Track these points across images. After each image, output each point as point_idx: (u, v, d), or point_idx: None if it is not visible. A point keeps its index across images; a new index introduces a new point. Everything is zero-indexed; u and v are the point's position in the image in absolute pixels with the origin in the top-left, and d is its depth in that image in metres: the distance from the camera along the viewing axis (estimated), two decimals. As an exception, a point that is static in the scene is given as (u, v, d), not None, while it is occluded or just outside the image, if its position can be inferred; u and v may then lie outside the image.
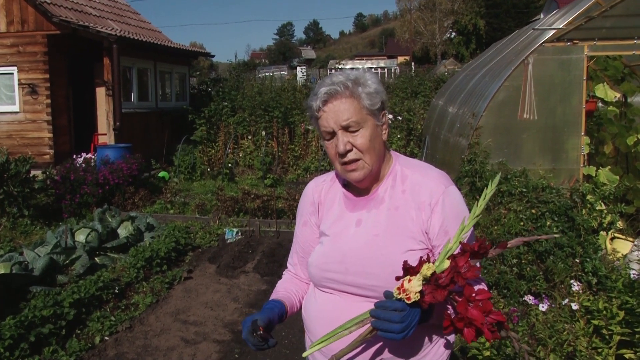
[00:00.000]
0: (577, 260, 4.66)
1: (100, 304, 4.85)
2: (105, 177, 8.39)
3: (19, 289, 4.95)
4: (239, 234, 7.04)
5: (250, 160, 12.00)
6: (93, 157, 10.15)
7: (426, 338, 1.59)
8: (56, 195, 8.14)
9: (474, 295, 1.33)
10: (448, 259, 1.38)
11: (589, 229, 5.25)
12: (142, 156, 9.59)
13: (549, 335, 3.28)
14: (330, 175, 1.80)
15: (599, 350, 3.23)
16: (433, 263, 1.38)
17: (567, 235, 4.98)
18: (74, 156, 10.44)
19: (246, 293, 5.29)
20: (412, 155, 11.17)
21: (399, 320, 1.34)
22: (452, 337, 1.67)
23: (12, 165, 7.48)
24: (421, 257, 1.40)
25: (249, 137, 12.60)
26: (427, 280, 1.34)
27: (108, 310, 4.78)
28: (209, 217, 7.91)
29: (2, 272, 5.09)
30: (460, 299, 1.34)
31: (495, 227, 5.11)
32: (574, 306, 3.60)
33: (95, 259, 5.99)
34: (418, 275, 1.34)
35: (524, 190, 5.61)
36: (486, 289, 1.59)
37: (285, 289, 1.81)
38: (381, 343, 1.55)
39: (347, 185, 1.73)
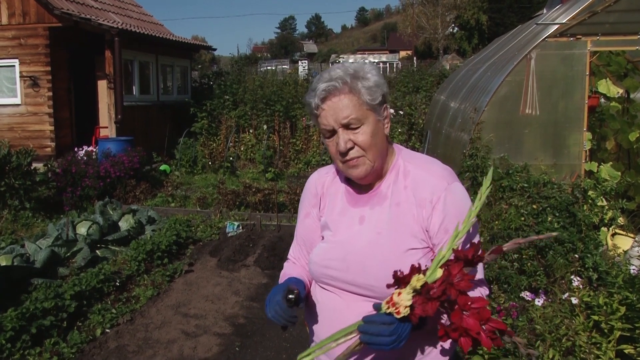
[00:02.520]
0: (578, 256, 4.66)
1: (101, 296, 4.86)
2: (106, 170, 8.40)
3: (20, 281, 4.96)
4: (240, 227, 7.04)
5: (251, 154, 11.99)
6: (94, 150, 10.16)
7: (429, 340, 1.55)
8: (57, 187, 8.15)
9: (469, 303, 1.26)
10: (441, 267, 1.31)
11: (590, 225, 5.26)
12: (144, 149, 9.59)
13: (548, 330, 3.29)
14: (333, 167, 1.75)
15: (599, 345, 3.24)
16: (427, 269, 1.31)
17: (568, 230, 4.99)
18: (76, 149, 10.45)
19: (247, 286, 5.30)
20: (413, 150, 11.15)
21: (388, 334, 1.31)
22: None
23: (13, 157, 7.49)
24: (412, 266, 1.35)
25: (251, 131, 12.60)
26: (417, 292, 1.28)
27: (109, 302, 4.79)
28: (210, 210, 7.91)
29: (4, 264, 5.10)
30: (455, 308, 1.27)
31: (496, 222, 5.12)
32: (574, 300, 3.61)
33: (97, 251, 6.01)
34: (407, 287, 1.28)
35: (526, 185, 5.61)
36: (484, 292, 1.54)
37: (296, 273, 1.75)
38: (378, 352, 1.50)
39: (349, 180, 1.68)
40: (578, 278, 3.97)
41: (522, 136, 6.21)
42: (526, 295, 3.87)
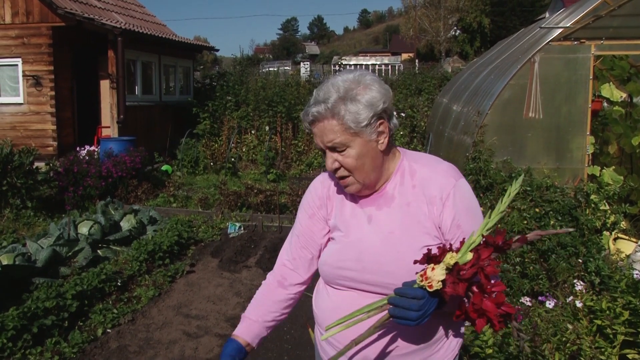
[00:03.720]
0: (580, 260, 4.65)
1: (102, 296, 4.86)
2: (108, 170, 8.40)
3: (21, 280, 4.96)
4: (242, 228, 7.04)
5: (253, 155, 11.99)
6: (96, 149, 10.16)
7: (441, 329, 1.59)
8: (59, 187, 8.15)
9: (489, 287, 1.32)
10: (471, 251, 1.36)
11: (593, 229, 5.24)
12: (146, 149, 9.59)
13: (553, 333, 3.28)
14: None
15: (602, 349, 3.23)
16: (456, 252, 1.36)
17: (571, 234, 4.98)
18: (78, 148, 10.45)
19: (248, 288, 5.30)
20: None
21: (417, 309, 1.33)
22: (463, 329, 1.67)
23: (15, 156, 7.49)
24: (443, 245, 1.40)
25: (253, 132, 12.60)
26: (449, 271, 1.33)
27: (110, 302, 4.78)
28: (211, 211, 7.91)
29: (5, 263, 5.10)
30: (476, 290, 1.33)
31: (499, 225, 5.11)
32: (578, 304, 3.60)
33: (98, 251, 6.00)
34: (441, 264, 1.33)
35: (528, 189, 5.60)
36: (499, 280, 1.58)
37: (258, 314, 1.77)
38: (395, 332, 1.54)
39: None
40: (581, 282, 3.96)
41: (525, 140, 6.20)
42: (526, 300, 3.86)
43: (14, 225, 7.16)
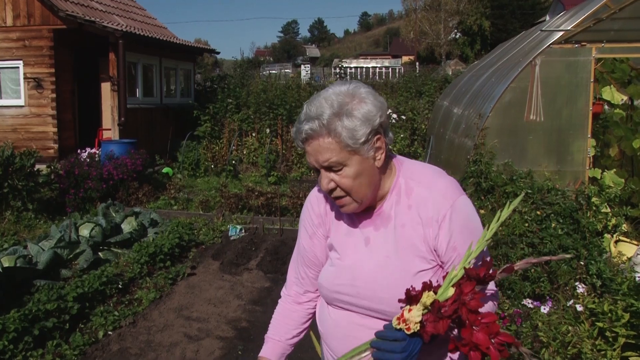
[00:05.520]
0: (582, 263, 4.65)
1: (103, 298, 4.86)
2: (109, 172, 8.40)
3: (23, 283, 4.96)
4: (243, 231, 7.04)
5: (254, 158, 12.00)
6: (97, 152, 10.17)
7: (441, 350, 1.53)
8: (60, 189, 8.16)
9: (479, 319, 1.26)
10: (453, 286, 1.30)
11: (594, 232, 5.24)
12: (147, 152, 9.59)
13: (553, 337, 3.28)
14: None
15: (604, 352, 3.22)
16: (438, 286, 1.31)
17: (572, 237, 4.98)
18: (79, 151, 10.46)
19: (249, 290, 5.29)
20: (415, 155, 11.17)
21: (400, 351, 1.29)
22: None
23: (17, 159, 7.50)
24: (424, 283, 1.32)
25: (253, 135, 12.61)
26: (428, 309, 1.27)
27: (111, 305, 4.78)
28: (212, 213, 7.91)
29: (7, 265, 5.10)
30: (467, 322, 1.27)
31: (500, 228, 5.11)
32: (579, 307, 3.60)
33: (99, 253, 6.00)
34: (418, 304, 1.27)
35: (530, 191, 5.60)
36: (495, 303, 1.53)
37: (280, 333, 1.78)
38: None
39: None
40: (582, 285, 3.96)
41: (526, 142, 6.20)
42: (528, 302, 3.85)
43: (15, 227, 7.16)
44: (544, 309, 3.47)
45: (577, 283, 4.05)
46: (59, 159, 10.09)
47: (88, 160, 9.03)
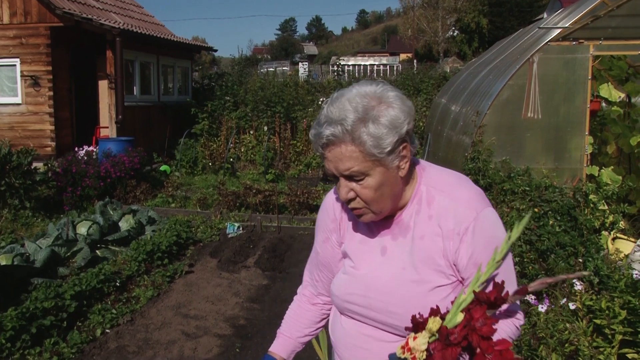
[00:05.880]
0: (580, 260, 4.65)
1: (101, 296, 4.85)
2: (107, 170, 8.39)
3: (20, 281, 4.95)
4: (241, 228, 7.03)
5: (252, 155, 11.99)
6: (95, 150, 10.15)
7: None
8: (58, 187, 8.14)
9: (492, 346, 1.18)
10: (462, 311, 1.21)
11: (592, 229, 5.25)
12: (144, 149, 9.58)
13: (550, 334, 3.28)
14: None
15: (601, 349, 3.23)
16: (447, 312, 1.23)
17: (570, 234, 4.98)
18: (76, 149, 10.44)
19: (247, 288, 5.29)
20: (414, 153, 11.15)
21: None
22: None
23: (14, 157, 7.48)
24: (432, 309, 1.23)
25: (251, 132, 12.60)
26: (435, 337, 1.20)
27: (109, 303, 4.78)
28: (210, 211, 7.91)
29: (4, 263, 5.09)
30: (478, 351, 1.19)
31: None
32: (572, 306, 3.61)
33: (97, 251, 5.99)
34: (424, 331, 1.20)
35: (527, 189, 5.61)
36: (516, 323, 1.44)
37: (292, 330, 1.74)
38: None
39: None
40: (580, 282, 3.96)
41: (524, 140, 6.20)
42: (531, 298, 3.84)
43: (12, 225, 7.15)
44: (542, 307, 3.46)
45: (575, 280, 4.05)
46: (56, 156, 10.06)
47: (85, 158, 9.02)
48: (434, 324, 1.18)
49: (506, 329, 1.42)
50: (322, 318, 1.76)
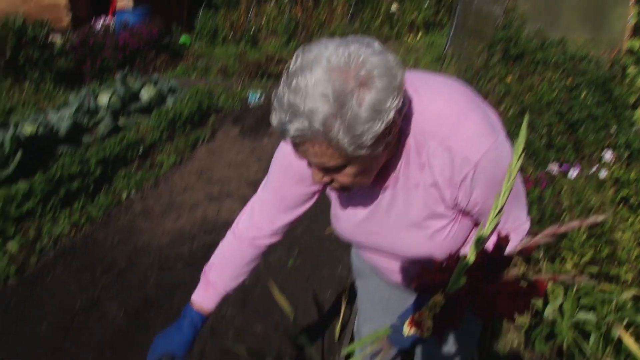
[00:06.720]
0: (611, 132, 4.52)
1: (125, 163, 4.90)
2: (125, 41, 8.19)
3: (45, 149, 5.01)
4: (263, 96, 6.92)
5: (273, 26, 11.59)
6: (111, 21, 9.86)
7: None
8: (76, 60, 8.02)
9: (500, 290, 1.05)
10: (465, 275, 1.08)
11: (626, 104, 5.06)
12: (162, 21, 9.28)
13: (577, 201, 3.25)
14: None
15: (626, 217, 3.20)
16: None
17: (603, 107, 4.81)
18: (93, 21, 10.15)
19: (269, 154, 5.26)
20: (440, 25, 10.68)
21: (416, 343, 1.19)
22: None
23: (29, 29, 7.29)
24: (437, 274, 1.10)
25: (272, 2, 12.09)
26: (440, 307, 1.11)
27: (133, 169, 4.84)
28: (231, 81, 7.78)
29: (30, 131, 5.12)
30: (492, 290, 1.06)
31: (527, 95, 4.94)
32: (602, 174, 3.54)
33: (119, 121, 5.99)
34: (427, 310, 1.11)
35: (560, 60, 5.35)
36: (522, 231, 1.35)
37: (225, 280, 1.52)
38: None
39: None
40: (610, 152, 3.86)
41: (560, 8, 5.84)
42: (554, 169, 3.76)
43: (35, 97, 7.13)
44: (572, 173, 3.39)
45: (605, 150, 3.94)
46: (72, 30, 9.82)
47: (102, 30, 8.78)
48: (438, 297, 1.08)
49: (513, 243, 1.26)
50: (259, 256, 1.57)
